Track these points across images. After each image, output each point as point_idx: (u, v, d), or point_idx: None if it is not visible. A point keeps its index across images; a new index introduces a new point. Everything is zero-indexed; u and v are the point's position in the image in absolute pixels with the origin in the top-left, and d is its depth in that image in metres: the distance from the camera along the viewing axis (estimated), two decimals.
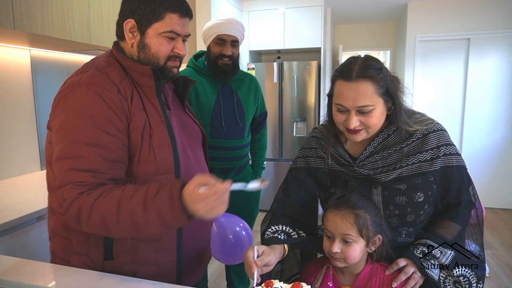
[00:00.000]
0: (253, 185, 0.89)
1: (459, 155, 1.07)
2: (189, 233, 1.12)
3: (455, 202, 1.06)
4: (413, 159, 1.04)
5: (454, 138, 4.49)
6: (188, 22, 1.07)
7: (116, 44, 1.09)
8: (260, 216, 2.95)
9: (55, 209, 1.05)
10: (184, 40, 1.08)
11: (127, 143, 0.98)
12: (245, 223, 1.67)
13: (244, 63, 4.39)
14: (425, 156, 1.04)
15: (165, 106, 1.08)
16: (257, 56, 4.91)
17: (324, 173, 1.15)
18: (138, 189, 0.89)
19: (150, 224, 0.87)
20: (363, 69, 0.97)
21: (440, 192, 1.06)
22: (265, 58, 5.07)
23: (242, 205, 2.06)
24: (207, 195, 0.83)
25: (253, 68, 4.26)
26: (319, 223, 1.19)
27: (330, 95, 1.07)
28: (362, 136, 1.04)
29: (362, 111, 0.99)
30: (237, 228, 1.58)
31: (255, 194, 2.14)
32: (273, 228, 1.11)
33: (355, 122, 1.00)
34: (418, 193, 1.03)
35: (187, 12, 1.04)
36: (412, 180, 1.03)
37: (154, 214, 0.86)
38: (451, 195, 1.05)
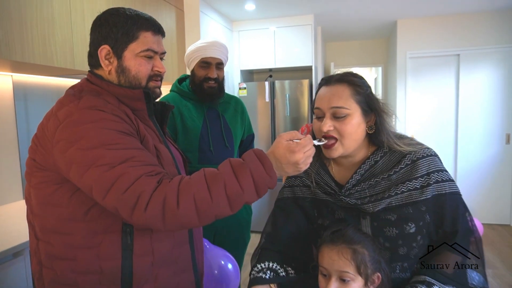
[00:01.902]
0: (316, 142, 0.98)
1: (452, 181, 1.01)
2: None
3: (451, 231, 0.99)
4: (402, 188, 0.98)
5: (449, 154, 4.46)
6: (161, 40, 1.05)
7: (92, 73, 1.03)
8: (252, 239, 2.86)
9: (57, 256, 0.93)
10: (161, 58, 1.06)
11: None
12: (230, 255, 1.56)
13: (236, 82, 4.36)
14: (414, 184, 0.98)
15: (158, 127, 1.08)
16: (249, 75, 4.90)
17: (310, 202, 1.09)
18: (220, 166, 0.87)
19: (246, 192, 0.84)
20: (343, 75, 1.03)
21: (434, 222, 0.99)
22: (257, 77, 5.06)
23: (233, 231, 1.98)
24: (306, 143, 0.87)
25: (245, 88, 4.23)
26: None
27: (313, 107, 1.07)
28: (337, 151, 1.01)
29: (336, 115, 0.99)
30: (222, 262, 1.48)
31: (247, 219, 2.06)
32: (258, 266, 1.04)
33: (328, 125, 0.99)
34: (409, 224, 0.96)
35: (159, 30, 1.04)
36: (402, 210, 0.97)
37: (248, 180, 0.83)
38: (446, 224, 0.99)
